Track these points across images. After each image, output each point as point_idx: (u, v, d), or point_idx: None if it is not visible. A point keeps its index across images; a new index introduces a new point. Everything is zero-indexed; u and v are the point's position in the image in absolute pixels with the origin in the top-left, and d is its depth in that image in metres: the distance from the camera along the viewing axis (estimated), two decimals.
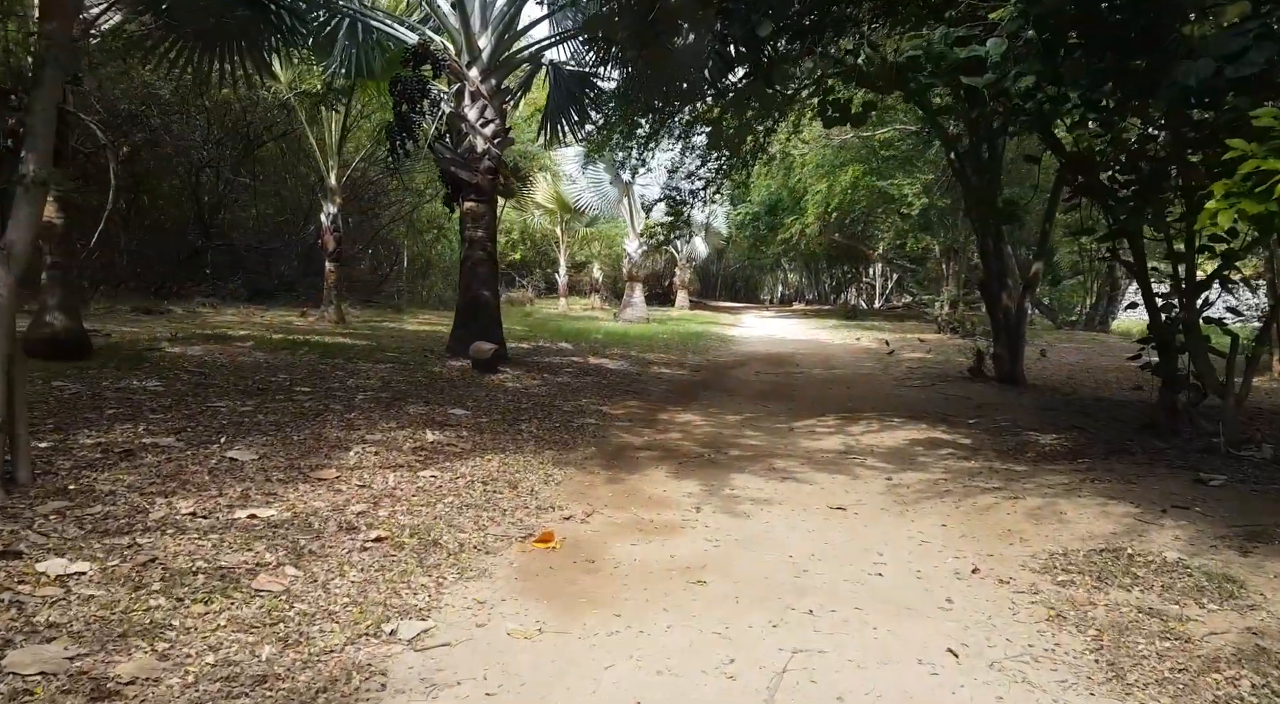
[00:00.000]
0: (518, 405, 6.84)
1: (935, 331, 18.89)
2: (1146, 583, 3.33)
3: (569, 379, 8.73)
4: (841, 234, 25.63)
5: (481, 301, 9.01)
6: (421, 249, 20.91)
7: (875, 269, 39.07)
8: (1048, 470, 5.43)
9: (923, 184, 17.69)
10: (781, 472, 5.22)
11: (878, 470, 5.36)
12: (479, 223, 8.94)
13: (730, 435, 6.46)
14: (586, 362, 10.52)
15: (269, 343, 8.73)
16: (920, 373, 11.57)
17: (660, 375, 10.22)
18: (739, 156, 11.67)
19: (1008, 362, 10.36)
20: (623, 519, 4.12)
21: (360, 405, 6.06)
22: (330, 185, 11.87)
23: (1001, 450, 6.23)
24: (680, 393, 8.83)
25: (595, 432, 6.23)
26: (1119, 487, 4.91)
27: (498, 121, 8.94)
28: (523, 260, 27.98)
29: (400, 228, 19.63)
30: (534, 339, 12.77)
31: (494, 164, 8.96)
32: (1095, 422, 7.64)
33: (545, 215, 23.37)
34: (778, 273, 50.19)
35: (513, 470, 4.79)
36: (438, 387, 7.24)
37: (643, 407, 7.64)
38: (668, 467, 5.27)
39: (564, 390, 7.95)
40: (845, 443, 6.34)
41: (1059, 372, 11.99)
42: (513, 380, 8.13)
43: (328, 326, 11.59)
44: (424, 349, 9.55)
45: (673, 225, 11.89)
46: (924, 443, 6.44)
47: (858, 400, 8.85)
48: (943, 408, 8.44)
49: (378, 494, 4.09)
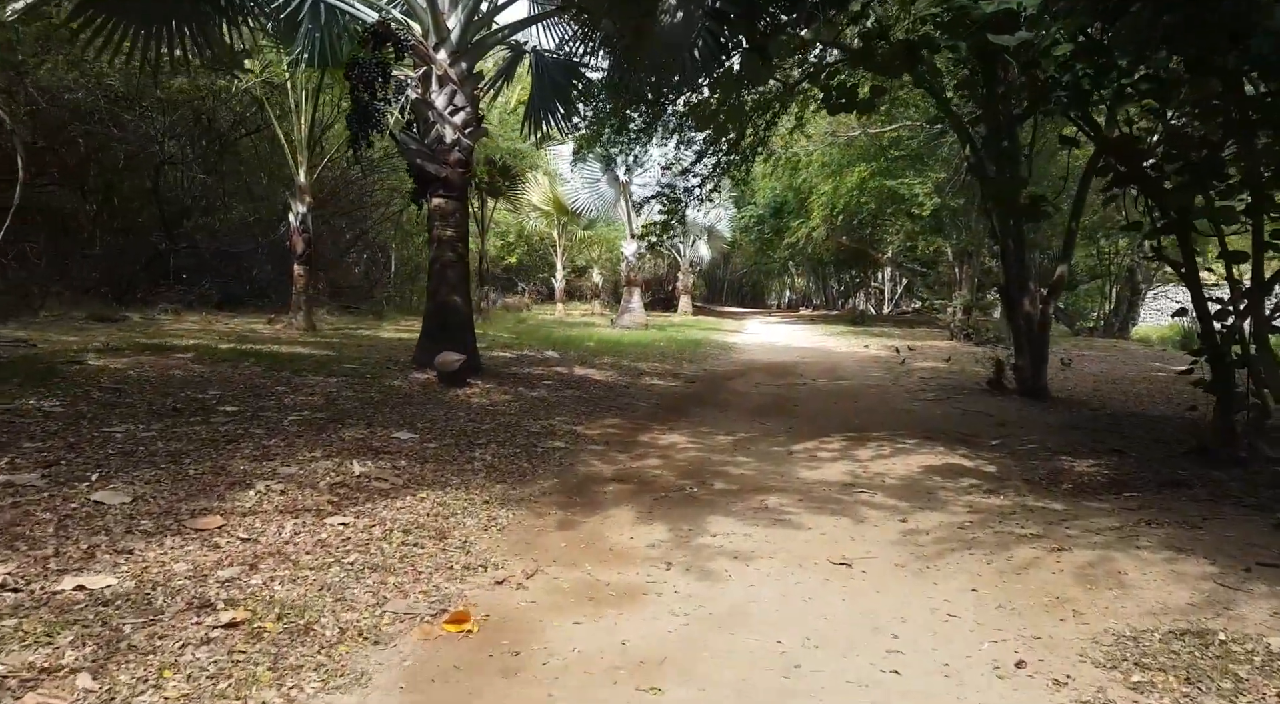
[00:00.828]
0: (477, 426, 6.00)
1: (948, 338, 18.01)
2: (1256, 691, 2.47)
3: (546, 393, 7.90)
4: (849, 237, 24.77)
5: (451, 308, 8.19)
6: (411, 253, 20.11)
7: (884, 273, 38.16)
8: (1091, 509, 4.57)
9: (934, 183, 16.83)
10: (773, 513, 4.37)
11: (889, 510, 4.50)
12: (448, 221, 8.12)
13: (718, 462, 5.61)
14: (571, 372, 9.69)
15: (213, 354, 7.93)
16: (934, 384, 10.70)
17: (650, 387, 9.38)
18: (733, 144, 10.87)
19: (1030, 373, 9.50)
20: (571, 581, 3.28)
21: (287, 429, 5.23)
22: (300, 183, 11.08)
23: (1033, 481, 5.38)
24: (669, 408, 7.99)
25: (562, 458, 5.39)
26: (1183, 533, 4.05)
27: (469, 109, 8.13)
28: (519, 264, 27.20)
29: (389, 230, 18.87)
30: (519, 347, 11.95)
31: (465, 156, 8.15)
32: (1135, 443, 6.77)
33: (541, 218, 22.58)
34: (785, 278, 49.29)
35: (447, 513, 3.96)
36: (390, 404, 6.41)
37: (623, 425, 6.80)
38: (638, 504, 4.43)
39: (537, 407, 7.11)
40: (851, 471, 5.49)
41: (1083, 383, 11.10)
42: (481, 395, 7.30)
43: (294, 334, 10.80)
44: (390, 360, 8.73)
45: (667, 224, 11.07)
46: (942, 471, 5.58)
47: (866, 417, 8.00)
48: (961, 426, 7.58)
49: (262, 552, 3.26)
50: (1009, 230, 9.28)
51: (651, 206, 13.28)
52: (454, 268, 8.19)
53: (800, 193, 24.00)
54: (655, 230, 11.45)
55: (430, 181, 8.07)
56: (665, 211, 11.06)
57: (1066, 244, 9.41)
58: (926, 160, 17.06)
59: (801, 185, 21.74)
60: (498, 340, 12.64)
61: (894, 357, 14.50)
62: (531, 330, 15.99)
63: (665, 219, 11.06)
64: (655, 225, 11.50)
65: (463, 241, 8.31)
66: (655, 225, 11.50)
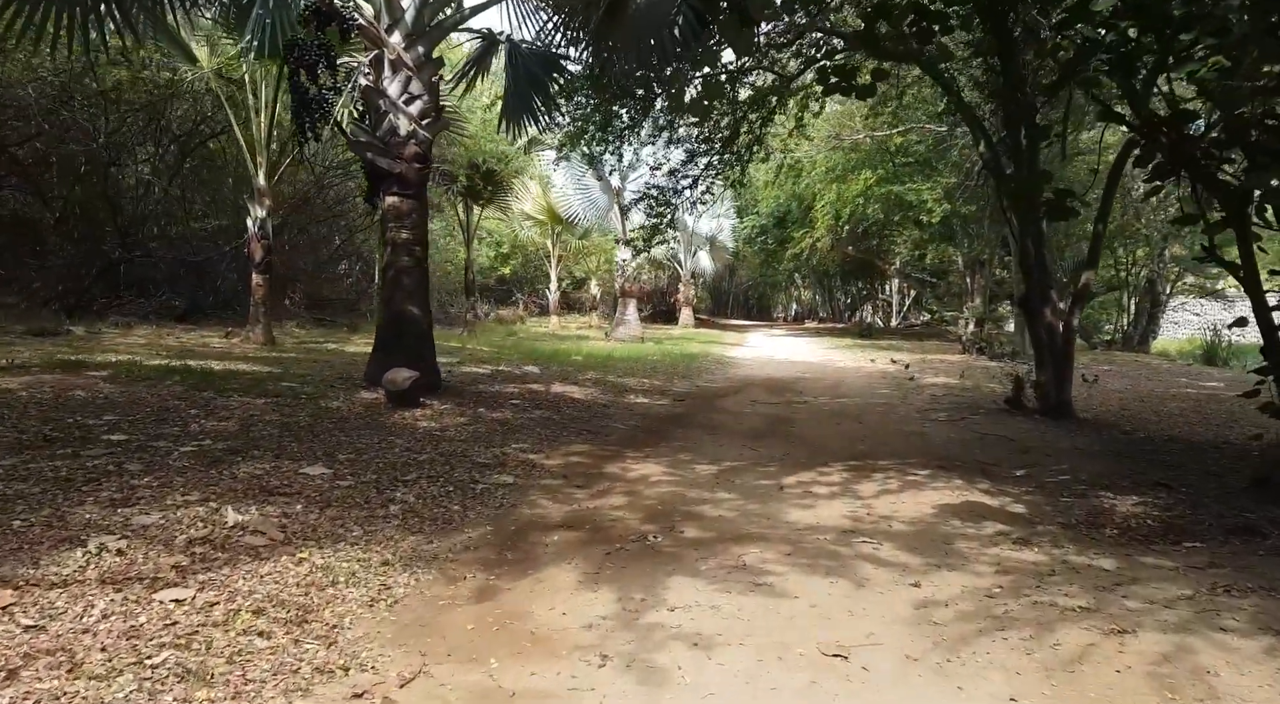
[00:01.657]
0: (412, 457, 5.13)
1: (959, 352, 17.08)
2: None
3: (510, 414, 7.02)
4: (855, 247, 23.90)
5: (407, 319, 7.35)
6: None
7: (891, 284, 37.27)
8: (1150, 568, 3.67)
9: (944, 189, 15.96)
10: (752, 572, 3.49)
11: (897, 569, 3.60)
12: (403, 222, 7.28)
13: (694, 500, 4.73)
14: (547, 390, 8.82)
15: (136, 371, 7.09)
16: (947, 402, 9.79)
17: (633, 406, 8.51)
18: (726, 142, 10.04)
19: (1053, 391, 8.59)
20: (462, 692, 2.41)
21: (171, 464, 4.37)
22: (258, 186, 10.27)
23: (1070, 524, 4.48)
24: (649, 431, 7.11)
25: (505, 498, 4.51)
26: (1276, 605, 3.15)
27: (426, 98, 7.31)
28: (513, 275, 26.37)
29: (371, 239, 18.04)
30: (497, 362, 11.10)
31: (423, 150, 7.32)
32: (1181, 475, 5.86)
33: (535, 227, 21.75)
34: (790, 290, 48.45)
35: (326, 582, 3.09)
36: (317, 430, 5.55)
37: (592, 453, 5.93)
38: (585, 560, 3.55)
39: (495, 431, 6.24)
40: (851, 513, 4.59)
41: (1108, 401, 10.17)
42: (431, 418, 6.43)
43: (249, 349, 9.97)
44: (341, 376, 7.88)
45: (655, 229, 10.22)
46: (960, 512, 4.68)
47: (871, 441, 7.11)
48: (979, 452, 6.68)
49: (42, 646, 2.40)
50: (1029, 233, 8.39)
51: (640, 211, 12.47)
52: (410, 274, 7.35)
53: (803, 200, 23.18)
54: (643, 235, 10.60)
55: (383, 178, 7.24)
56: (653, 215, 10.23)
57: (1092, 249, 8.50)
58: (935, 164, 16.20)
59: (805, 191, 20.91)
60: (475, 354, 11.79)
61: (902, 372, 13.60)
62: (518, 344, 15.14)
63: (654, 223, 10.22)
64: (643, 230, 10.66)
65: (420, 245, 7.46)
66: (643, 230, 10.66)
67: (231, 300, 13.41)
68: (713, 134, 10.00)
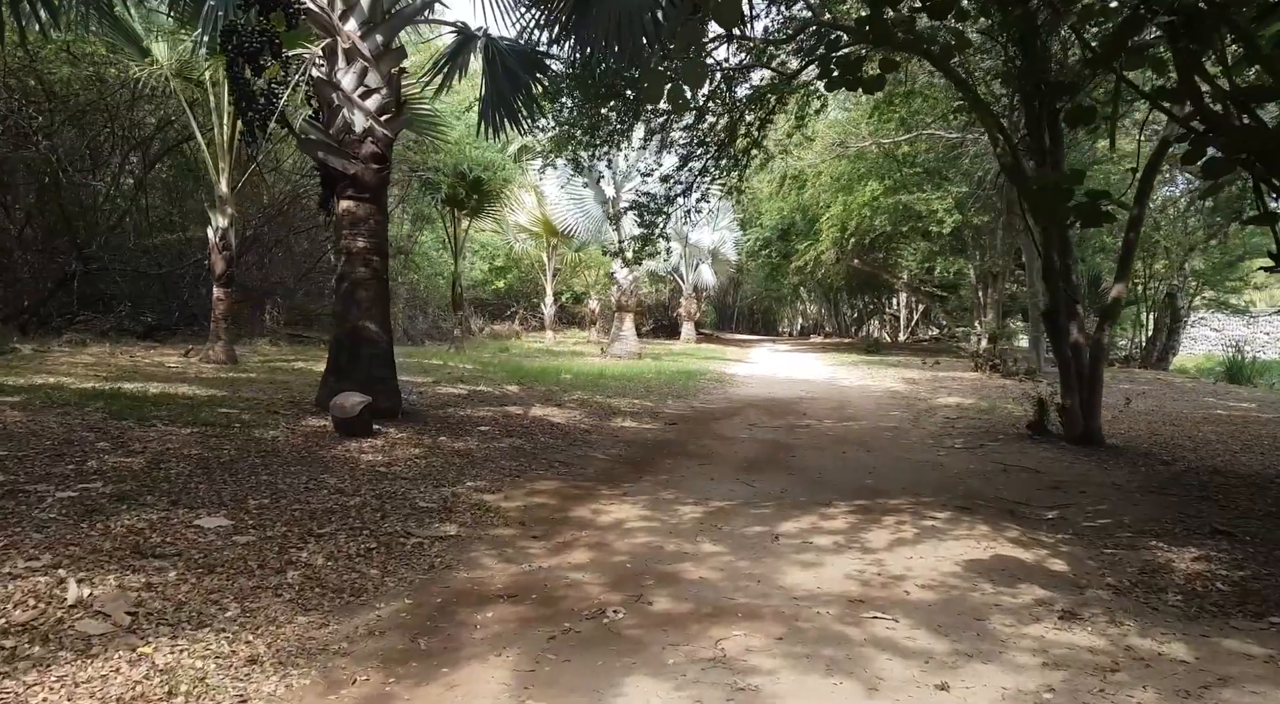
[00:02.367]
0: (339, 502, 4.36)
1: (972, 369, 16.27)
2: None
3: (475, 443, 6.27)
4: (861, 260, 23.15)
5: (364, 337, 6.61)
6: None
7: (899, 299, 36.47)
8: (1236, 657, 2.90)
9: (955, 199, 15.21)
10: (732, 668, 2.72)
11: (919, 660, 2.83)
12: (359, 228, 6.57)
13: (673, 555, 3.97)
14: (525, 414, 8.07)
15: (57, 396, 6.37)
16: (962, 427, 9.01)
17: (619, 432, 7.76)
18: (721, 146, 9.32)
19: (1080, 416, 7.81)
20: None
21: (36, 514, 3.62)
22: (220, 193, 9.56)
23: (1123, 588, 3.72)
24: (633, 462, 6.36)
25: (440, 555, 3.75)
26: None
27: (385, 91, 6.61)
28: (509, 289, 25.62)
29: None
30: (479, 381, 10.36)
31: (381, 149, 6.61)
32: (1241, 517, 5.08)
33: (530, 240, 21.05)
34: (796, 304, 47.66)
35: (161, 692, 2.33)
36: (238, 468, 4.80)
37: (560, 492, 5.17)
38: (520, 653, 2.79)
39: (451, 466, 5.48)
40: (859, 571, 3.82)
41: (1136, 425, 9.37)
42: (381, 449, 5.68)
43: (206, 369, 9.24)
44: (291, 400, 7.14)
45: (647, 239, 9.48)
46: (990, 570, 3.91)
47: (881, 473, 6.35)
48: (1003, 487, 5.91)
49: None
50: (1053, 243, 7.64)
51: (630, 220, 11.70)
52: (367, 286, 6.62)
53: (808, 212, 22.46)
54: (634, 246, 9.87)
55: (337, 180, 6.54)
56: (644, 225, 9.50)
57: (1122, 261, 7.75)
58: (946, 173, 15.47)
59: (809, 201, 20.21)
60: (456, 373, 11.05)
61: (913, 390, 12.81)
62: (506, 361, 14.41)
63: (645, 233, 9.49)
64: (634, 240, 9.93)
65: (379, 254, 6.74)
66: (634, 240, 9.93)
67: (199, 316, 12.69)
68: (707, 137, 9.29)
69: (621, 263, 10.31)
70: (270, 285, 14.77)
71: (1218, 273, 19.53)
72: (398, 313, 18.62)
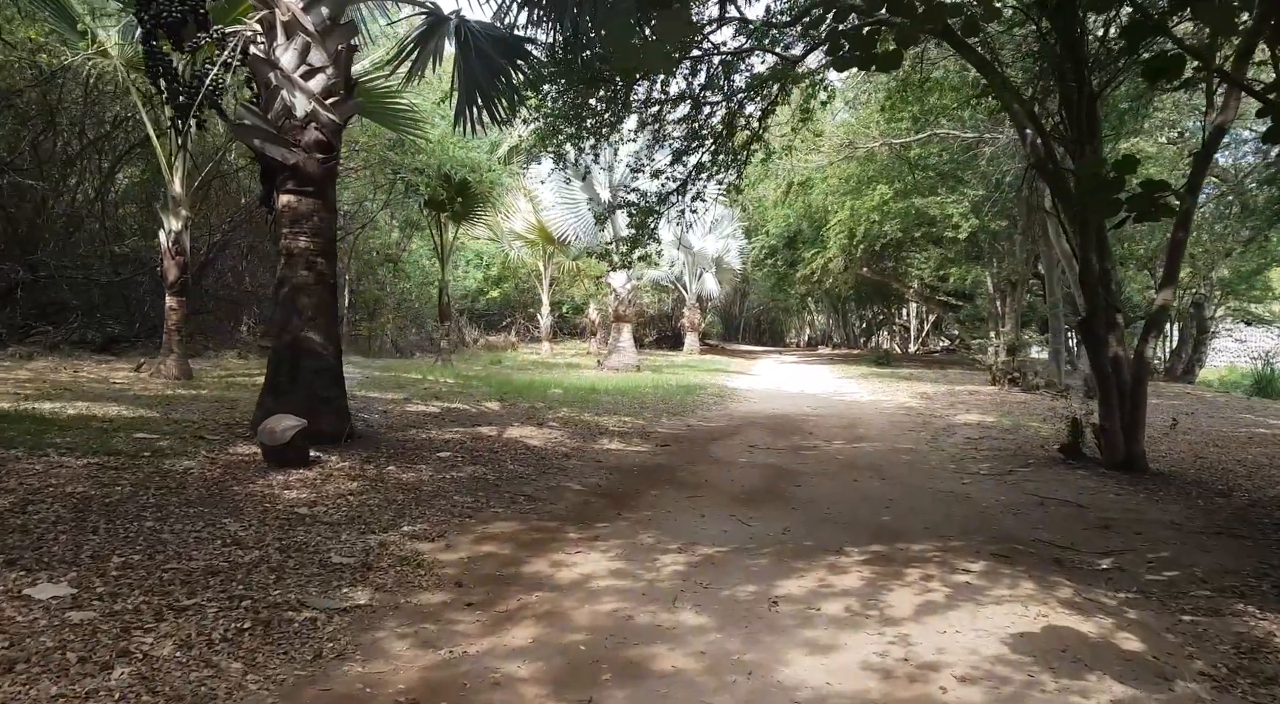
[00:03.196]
0: (230, 556, 3.51)
1: (989, 383, 15.36)
2: None
3: (430, 474, 5.43)
4: (870, 268, 22.27)
5: (306, 350, 5.79)
6: (370, 286, 17.76)
7: (909, 309, 35.56)
8: None
9: (971, 202, 14.34)
10: None
11: None
12: (301, 226, 5.76)
13: (642, 631, 3.12)
14: (499, 435, 7.24)
15: None
16: (986, 449, 8.13)
17: (602, 456, 6.91)
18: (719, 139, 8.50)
19: (1121, 438, 6.94)
20: None
21: None
22: (174, 193, 8.77)
23: (1221, 678, 2.86)
24: (612, 494, 5.51)
25: (333, 636, 2.89)
26: None
27: (332, 71, 5.81)
28: (504, 299, 24.76)
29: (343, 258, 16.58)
30: (455, 398, 9.53)
31: (327, 136, 5.81)
32: None
33: (526, 247, 20.24)
34: (803, 314, 46.78)
35: None
36: (122, 511, 3.96)
37: (517, 536, 4.32)
38: None
39: (390, 504, 4.64)
40: (880, 656, 2.96)
41: (1177, 447, 8.48)
42: (310, 484, 4.84)
43: (156, 386, 8.42)
44: (228, 423, 6.32)
45: (636, 240, 8.64)
46: (1045, 650, 3.05)
47: (899, 507, 5.48)
48: (1043, 527, 5.04)
49: None
50: (1091, 244, 6.78)
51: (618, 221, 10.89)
52: (310, 292, 5.80)
53: (815, 219, 21.62)
54: (623, 247, 9.04)
55: (277, 171, 5.73)
56: (634, 225, 8.67)
57: (1170, 264, 6.87)
58: (961, 175, 14.60)
59: (816, 204, 19.37)
60: (433, 389, 10.21)
61: (929, 406, 11.93)
62: (495, 375, 13.58)
63: (635, 233, 8.66)
64: (623, 241, 9.09)
65: (325, 256, 5.91)
66: (623, 241, 9.09)
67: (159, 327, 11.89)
68: (702, 129, 8.46)
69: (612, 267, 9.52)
70: (243, 295, 13.96)
71: (1242, 281, 18.62)
72: (386, 325, 17.83)
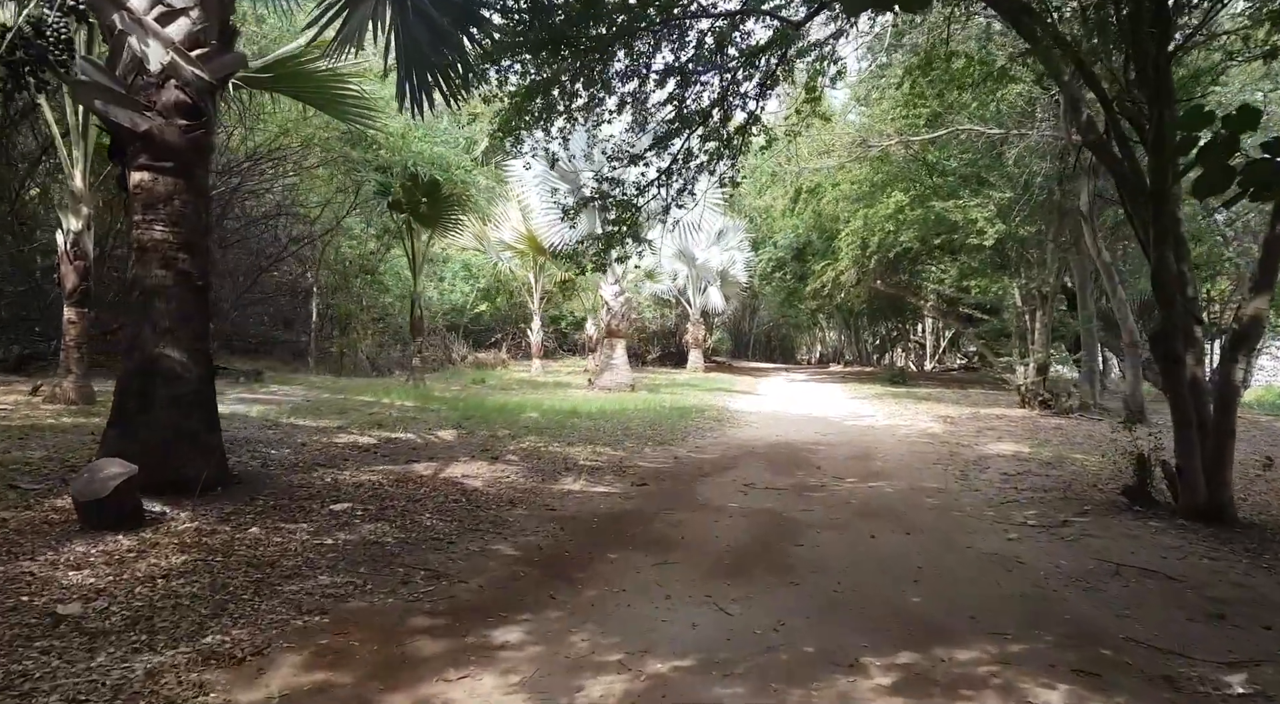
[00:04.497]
0: None
1: (1018, 405, 13.93)
2: None
3: (307, 537, 4.11)
4: (884, 281, 20.88)
5: (162, 369, 4.49)
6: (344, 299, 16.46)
7: (924, 325, 34.08)
8: None
9: (997, 205, 12.97)
10: None
11: None
12: (157, 212, 4.48)
13: None
14: (434, 475, 5.92)
15: None
16: (1028, 489, 6.75)
17: (558, 502, 5.59)
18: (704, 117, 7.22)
19: (1203, 480, 5.55)
20: None
21: None
22: (75, 188, 7.52)
23: None
24: (552, 563, 4.17)
25: None
26: None
27: (199, 14, 4.55)
28: (498, 314, 23.39)
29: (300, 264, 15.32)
30: (404, 427, 8.22)
31: (195, 98, 4.55)
32: None
33: (516, 258, 18.93)
34: (814, 331, 45.30)
35: None
36: None
37: (376, 653, 2.98)
38: None
39: (215, 591, 3.32)
40: None
41: (1253, 487, 7.06)
42: (119, 556, 3.52)
43: (46, 411, 7.15)
44: (73, 465, 5.01)
45: (610, 238, 7.32)
46: None
47: (932, 580, 4.13)
48: (1131, 614, 3.69)
49: None
50: (1168, 238, 5.43)
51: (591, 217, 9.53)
52: (168, 297, 4.51)
53: (825, 229, 20.27)
54: (592, 248, 7.72)
55: (127, 142, 4.45)
56: (611, 222, 7.36)
57: (1265, 261, 5.50)
58: (986, 176, 13.23)
59: (826, 212, 18.04)
60: (381, 416, 8.88)
61: (953, 433, 10.53)
62: (470, 396, 12.26)
63: (611, 232, 7.34)
64: (594, 240, 7.75)
65: (190, 252, 4.62)
66: (594, 240, 7.75)
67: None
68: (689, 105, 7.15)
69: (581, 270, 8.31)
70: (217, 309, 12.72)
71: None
72: (360, 341, 16.53)
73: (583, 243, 8.02)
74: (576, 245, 7.92)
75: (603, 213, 7.60)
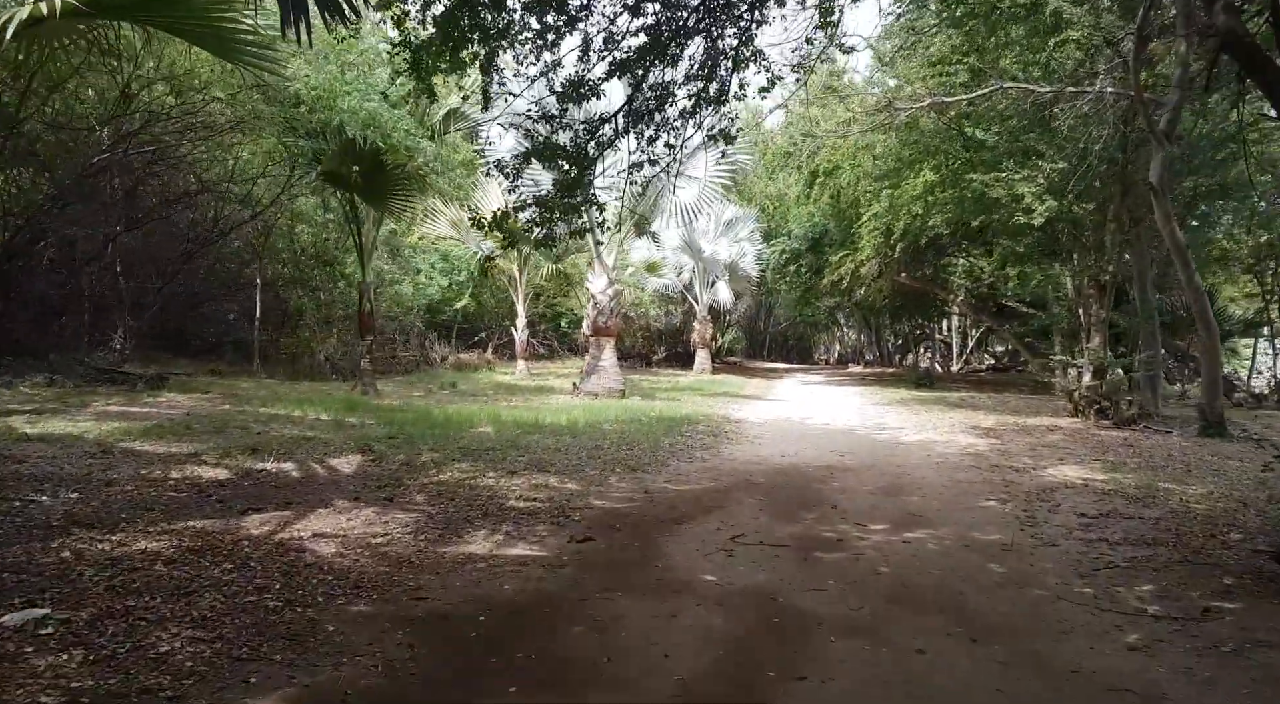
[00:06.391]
0: None
1: (1069, 413, 11.92)
2: None
3: None
4: (908, 274, 18.85)
5: None
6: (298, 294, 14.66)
7: (950, 323, 31.91)
8: None
9: (1048, 178, 10.96)
10: None
11: None
12: None
13: None
14: (268, 537, 4.09)
15: None
16: (1123, 544, 4.81)
17: (437, 582, 3.74)
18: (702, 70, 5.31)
19: None
20: None
21: None
22: None
23: None
24: None
25: None
26: None
27: None
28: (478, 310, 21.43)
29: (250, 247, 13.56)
30: (288, 451, 6.40)
31: None
32: None
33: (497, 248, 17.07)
34: (833, 329, 43.18)
35: None
36: None
37: None
38: None
39: None
40: None
41: None
42: None
43: None
44: None
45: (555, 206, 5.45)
46: None
47: None
48: None
49: None
50: None
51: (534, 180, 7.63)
52: None
53: (843, 215, 18.29)
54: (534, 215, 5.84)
55: None
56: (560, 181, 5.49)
57: None
58: (1034, 144, 11.18)
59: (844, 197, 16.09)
60: (271, 436, 7.04)
61: (1001, 450, 8.57)
62: (423, 405, 10.42)
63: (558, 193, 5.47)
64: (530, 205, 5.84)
65: None
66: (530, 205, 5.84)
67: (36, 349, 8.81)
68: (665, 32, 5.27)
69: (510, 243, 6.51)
70: (70, 299, 10.95)
71: None
72: (314, 341, 14.72)
73: (519, 208, 6.13)
74: (505, 210, 6.01)
75: (545, 162, 5.73)
